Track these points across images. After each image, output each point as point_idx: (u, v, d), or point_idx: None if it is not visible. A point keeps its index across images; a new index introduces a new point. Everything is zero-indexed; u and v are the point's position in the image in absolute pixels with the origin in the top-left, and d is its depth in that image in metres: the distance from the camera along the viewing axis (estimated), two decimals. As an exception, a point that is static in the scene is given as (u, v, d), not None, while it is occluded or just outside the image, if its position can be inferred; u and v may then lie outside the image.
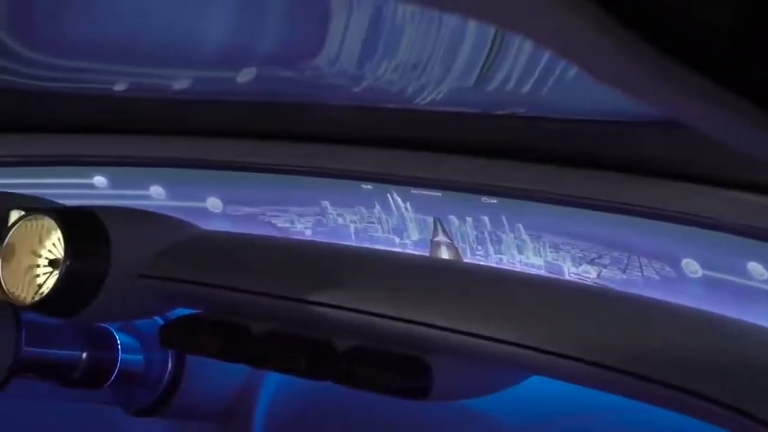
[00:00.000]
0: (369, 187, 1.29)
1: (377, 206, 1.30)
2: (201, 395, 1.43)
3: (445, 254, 1.25)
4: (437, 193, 1.25)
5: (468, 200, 1.22)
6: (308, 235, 1.35)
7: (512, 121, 1.19)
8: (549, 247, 1.16)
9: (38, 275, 1.22)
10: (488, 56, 1.08)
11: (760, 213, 1.01)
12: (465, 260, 1.24)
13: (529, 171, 1.17)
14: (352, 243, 1.31)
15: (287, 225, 1.37)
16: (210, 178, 1.42)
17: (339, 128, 1.31)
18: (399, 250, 1.28)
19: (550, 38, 0.42)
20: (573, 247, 1.15)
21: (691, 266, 1.07)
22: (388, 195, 1.28)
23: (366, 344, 1.11)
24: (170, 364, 1.40)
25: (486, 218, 1.21)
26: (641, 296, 1.07)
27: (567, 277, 1.16)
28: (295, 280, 1.16)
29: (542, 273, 1.17)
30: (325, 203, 1.34)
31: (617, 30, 0.39)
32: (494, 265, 1.21)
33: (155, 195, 1.45)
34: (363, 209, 1.31)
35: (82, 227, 1.22)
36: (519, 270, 1.19)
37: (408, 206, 1.27)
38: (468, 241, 1.23)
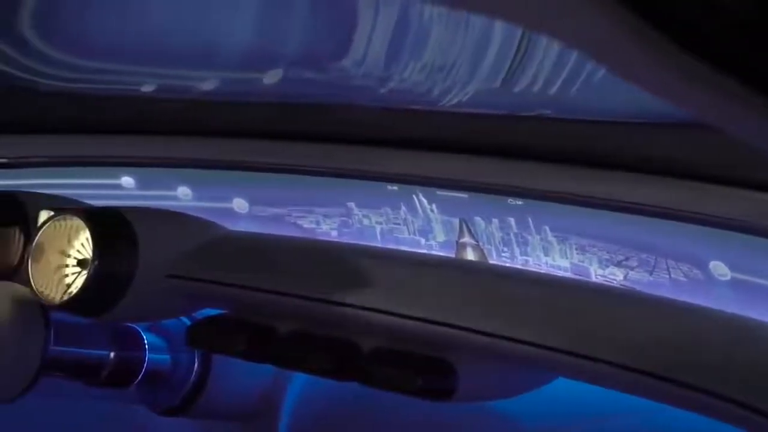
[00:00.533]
0: (395, 189, 1.30)
1: (403, 207, 1.30)
2: (227, 395, 1.44)
3: (471, 256, 1.25)
4: (463, 195, 1.25)
5: (494, 202, 1.22)
6: (334, 236, 1.35)
7: (539, 123, 1.19)
8: (575, 249, 1.16)
9: (67, 275, 1.23)
10: (515, 58, 1.08)
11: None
12: (490, 262, 1.24)
13: (556, 172, 1.17)
14: (378, 244, 1.31)
15: (313, 226, 1.37)
16: (236, 179, 1.42)
17: (365, 129, 1.31)
18: (424, 252, 1.28)
19: (578, 39, 0.42)
20: (600, 249, 1.14)
21: (719, 269, 1.06)
22: (414, 196, 1.28)
23: (391, 345, 1.11)
24: (197, 364, 1.41)
25: (512, 220, 1.21)
26: (668, 298, 1.06)
27: (593, 279, 1.15)
28: (321, 281, 1.16)
29: (568, 275, 1.17)
30: (351, 204, 1.34)
31: (646, 31, 0.39)
32: (520, 267, 1.21)
33: (182, 196, 1.46)
34: (389, 210, 1.31)
35: (111, 228, 1.22)
36: (545, 272, 1.19)
37: (434, 207, 1.27)
38: (494, 243, 1.23)
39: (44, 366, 1.27)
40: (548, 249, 1.19)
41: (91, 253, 1.20)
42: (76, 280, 1.22)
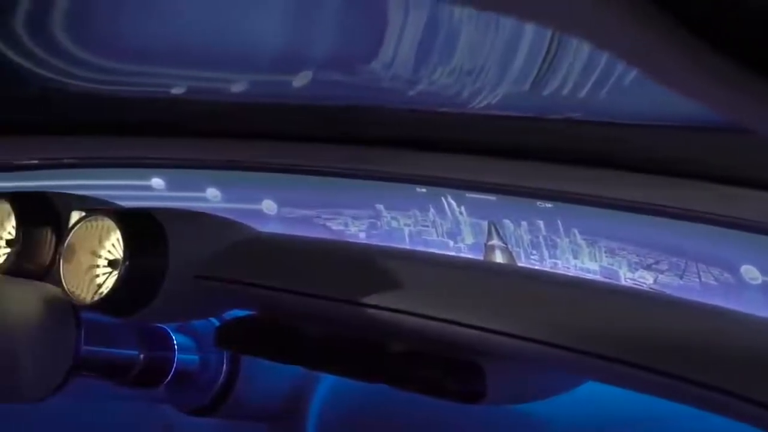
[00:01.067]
0: (423, 191, 1.30)
1: (431, 210, 1.30)
2: (255, 396, 1.44)
3: (500, 258, 1.25)
4: (492, 197, 1.24)
5: (523, 204, 1.21)
6: (362, 238, 1.35)
7: (568, 125, 1.19)
8: (605, 252, 1.16)
9: (98, 275, 1.24)
10: (544, 60, 1.08)
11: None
12: (519, 264, 1.24)
13: (585, 175, 1.16)
14: (406, 246, 1.31)
15: (341, 228, 1.38)
16: (265, 181, 1.43)
17: (394, 131, 1.32)
18: (453, 254, 1.28)
19: (612, 43, 0.42)
20: (629, 252, 1.14)
21: (751, 273, 1.05)
22: (443, 198, 1.28)
23: (419, 347, 1.11)
24: (225, 365, 1.41)
25: (541, 222, 1.20)
26: (698, 302, 1.06)
27: (623, 283, 1.15)
28: (350, 283, 1.16)
29: (597, 278, 1.17)
30: (380, 206, 1.34)
31: (679, 34, 0.39)
32: (549, 270, 1.21)
33: (211, 197, 1.47)
34: (417, 213, 1.31)
35: (141, 229, 1.23)
36: (574, 274, 1.18)
37: (462, 210, 1.27)
38: (522, 246, 1.23)
39: (75, 366, 1.29)
40: (577, 252, 1.18)
41: (122, 254, 1.21)
42: (107, 281, 1.23)
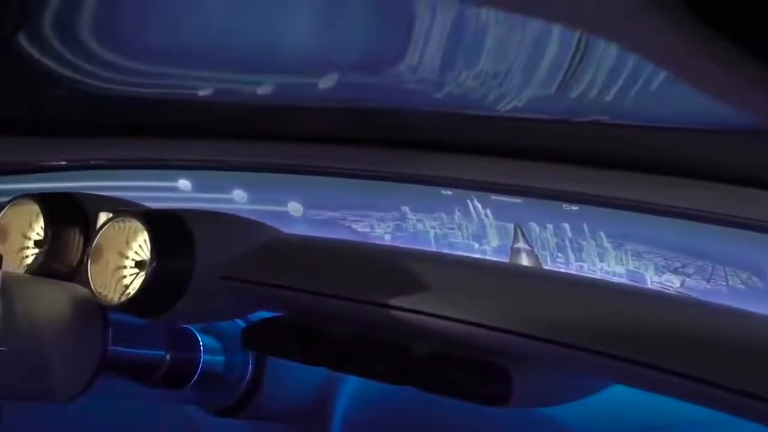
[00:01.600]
0: (449, 193, 1.30)
1: (457, 212, 1.30)
2: (281, 397, 1.45)
3: (525, 261, 1.25)
4: (518, 200, 1.24)
5: (549, 207, 1.21)
6: (388, 240, 1.35)
7: (595, 128, 1.19)
8: (631, 255, 1.16)
9: (125, 276, 1.25)
10: (571, 63, 1.08)
11: None
12: (545, 267, 1.24)
13: (611, 178, 1.16)
14: (432, 249, 1.32)
15: (367, 230, 1.38)
16: (291, 183, 1.43)
17: (420, 134, 1.32)
18: (479, 257, 1.28)
19: (650, 47, 0.42)
20: (656, 256, 1.13)
21: (779, 277, 1.05)
22: (469, 201, 1.29)
23: (445, 350, 1.11)
24: (251, 366, 1.42)
25: (567, 225, 1.20)
26: (726, 306, 1.05)
27: (649, 286, 1.15)
28: (376, 285, 1.17)
29: (624, 281, 1.16)
30: (405, 208, 1.34)
31: (718, 40, 0.39)
32: (575, 273, 1.20)
33: (237, 198, 1.48)
34: (443, 215, 1.31)
35: (168, 230, 1.24)
36: (600, 278, 1.18)
37: (488, 212, 1.27)
38: (548, 249, 1.23)
39: (102, 366, 1.29)
40: (603, 255, 1.18)
41: (149, 255, 1.22)
42: (134, 281, 1.24)
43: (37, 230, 1.35)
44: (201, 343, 1.41)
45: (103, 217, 1.29)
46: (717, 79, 0.43)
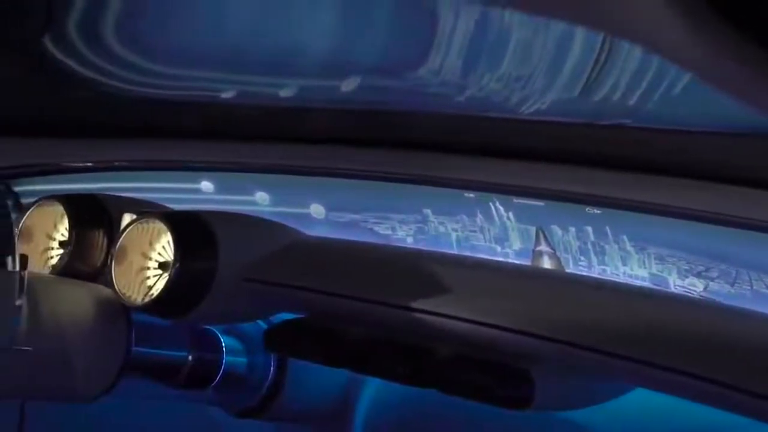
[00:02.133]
0: (471, 196, 1.30)
1: (479, 215, 1.30)
2: (302, 398, 1.45)
3: (548, 264, 1.25)
4: (540, 203, 1.24)
5: (571, 210, 1.21)
6: (409, 243, 1.35)
7: (618, 132, 1.18)
8: (654, 259, 1.15)
9: (148, 277, 1.25)
10: (595, 67, 1.07)
11: None
12: (567, 271, 1.23)
13: (634, 181, 1.16)
14: (453, 251, 1.31)
15: (389, 232, 1.38)
16: (314, 185, 1.44)
17: (442, 137, 1.32)
18: (501, 259, 1.28)
19: (678, 51, 0.42)
20: (679, 260, 1.13)
21: (804, 281, 1.05)
22: (491, 204, 1.28)
23: (467, 352, 1.11)
24: (273, 367, 1.42)
25: (589, 228, 1.20)
26: (750, 310, 1.05)
27: (672, 290, 1.14)
28: (398, 287, 1.17)
29: (646, 285, 1.16)
30: (427, 211, 1.34)
31: (737, 38, 0.39)
32: (597, 276, 1.20)
33: (260, 200, 1.48)
34: (465, 218, 1.31)
35: (191, 231, 1.25)
36: (622, 281, 1.18)
37: (510, 215, 1.27)
38: (571, 252, 1.22)
39: (125, 366, 1.30)
40: (626, 258, 1.18)
41: (172, 256, 1.23)
42: (158, 282, 1.24)
43: (62, 231, 1.36)
44: (223, 345, 1.42)
45: (127, 218, 1.30)
46: (742, 81, 0.43)
